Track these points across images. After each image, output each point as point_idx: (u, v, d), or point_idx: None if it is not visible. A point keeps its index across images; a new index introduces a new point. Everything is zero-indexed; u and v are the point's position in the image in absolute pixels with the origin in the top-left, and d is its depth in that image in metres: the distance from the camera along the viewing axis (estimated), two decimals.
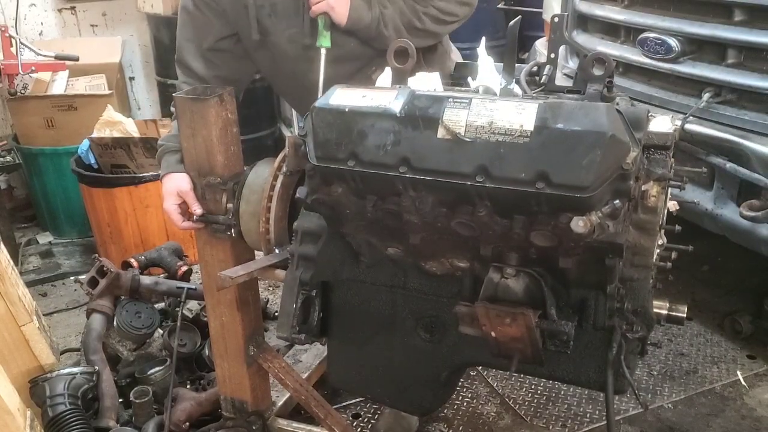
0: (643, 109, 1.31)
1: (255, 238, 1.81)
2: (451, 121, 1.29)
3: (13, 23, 4.23)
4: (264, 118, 4.76)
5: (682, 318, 1.48)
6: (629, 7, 2.83)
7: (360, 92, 1.39)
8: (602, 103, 1.26)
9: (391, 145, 1.33)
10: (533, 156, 1.24)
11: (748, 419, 2.48)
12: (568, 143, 1.21)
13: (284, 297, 1.65)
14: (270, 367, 2.06)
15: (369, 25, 1.91)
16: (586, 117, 1.22)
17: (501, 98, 1.30)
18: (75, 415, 2.12)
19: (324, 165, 1.39)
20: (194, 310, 2.80)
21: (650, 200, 1.36)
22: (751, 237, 2.42)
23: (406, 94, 1.34)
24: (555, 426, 2.47)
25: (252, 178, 1.82)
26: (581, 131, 1.20)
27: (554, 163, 1.22)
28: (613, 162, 1.20)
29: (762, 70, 2.35)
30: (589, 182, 1.20)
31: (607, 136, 1.19)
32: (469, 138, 1.28)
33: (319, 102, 1.40)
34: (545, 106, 1.24)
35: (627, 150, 1.21)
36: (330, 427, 2.08)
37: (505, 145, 1.25)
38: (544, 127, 1.23)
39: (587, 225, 1.21)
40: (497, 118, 1.26)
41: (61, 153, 3.77)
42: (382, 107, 1.34)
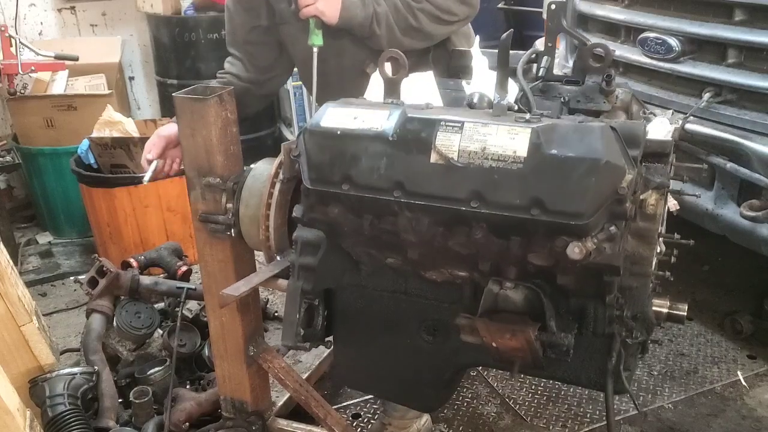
0: (640, 124, 1.30)
1: (255, 240, 1.81)
2: (443, 146, 1.28)
3: (13, 23, 4.22)
4: (264, 118, 4.76)
5: (682, 317, 1.48)
6: (629, 6, 2.83)
7: (351, 112, 1.38)
8: (597, 124, 1.24)
9: (385, 168, 1.33)
10: (527, 183, 1.23)
11: (749, 419, 2.48)
12: (562, 170, 1.20)
13: (287, 307, 1.66)
14: (270, 367, 2.05)
15: (362, 24, 1.90)
16: (581, 141, 1.20)
17: (494, 121, 1.27)
18: (75, 415, 2.12)
19: (318, 188, 1.40)
20: (194, 310, 2.79)
21: (649, 208, 1.35)
22: (752, 237, 2.42)
23: (398, 115, 1.33)
24: (555, 426, 2.47)
25: (250, 182, 1.80)
26: (575, 158, 1.19)
27: (549, 190, 1.22)
28: (609, 187, 1.19)
29: (762, 69, 2.35)
30: (584, 209, 1.20)
31: (602, 163, 1.18)
32: (462, 163, 1.27)
33: (311, 123, 1.40)
34: (538, 131, 1.22)
35: (622, 174, 1.20)
36: (330, 427, 2.08)
37: (499, 171, 1.24)
38: (538, 153, 1.21)
39: (582, 252, 1.22)
40: (490, 143, 1.25)
41: (61, 153, 3.77)
42: (374, 130, 1.33)
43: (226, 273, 1.94)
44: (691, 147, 2.50)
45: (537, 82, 1.67)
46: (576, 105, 1.62)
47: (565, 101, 1.63)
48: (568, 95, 1.64)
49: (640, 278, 1.38)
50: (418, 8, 1.93)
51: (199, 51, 4.29)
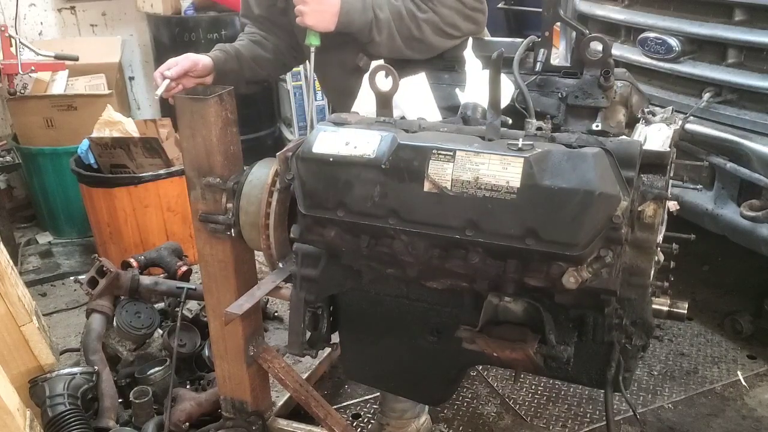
0: (636, 143, 1.28)
1: (256, 244, 1.82)
2: (436, 175, 1.28)
3: (13, 23, 4.21)
4: (264, 118, 4.76)
5: (683, 314, 1.48)
6: (629, 6, 2.83)
7: (343, 137, 1.38)
8: (590, 151, 1.23)
9: (379, 196, 1.34)
10: (521, 213, 1.23)
11: (749, 419, 2.48)
12: (555, 201, 1.20)
13: (291, 317, 1.67)
14: (270, 367, 2.06)
15: (360, 29, 1.83)
16: (574, 171, 1.20)
17: (486, 150, 1.27)
18: (75, 415, 2.12)
19: (313, 214, 1.41)
20: (194, 310, 2.79)
21: (647, 219, 1.35)
22: (752, 237, 2.42)
23: (389, 141, 1.33)
24: (555, 426, 2.47)
25: (247, 189, 1.79)
26: (569, 189, 1.19)
27: (543, 221, 1.22)
28: (603, 217, 1.20)
29: (762, 69, 2.35)
30: (578, 240, 1.20)
31: (596, 195, 1.18)
32: (455, 192, 1.27)
33: (303, 150, 1.40)
34: (530, 161, 1.22)
35: (617, 202, 1.20)
36: (330, 427, 2.08)
37: (493, 201, 1.24)
38: (531, 184, 1.21)
39: (578, 281, 1.23)
40: (483, 173, 1.25)
41: (61, 153, 3.77)
42: (367, 157, 1.33)
43: (226, 273, 1.94)
44: (691, 147, 2.50)
45: (534, 78, 1.67)
46: (574, 101, 1.61)
47: (563, 97, 1.63)
48: (565, 90, 1.63)
49: (638, 289, 1.38)
50: (423, 19, 1.86)
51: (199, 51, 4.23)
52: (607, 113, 1.59)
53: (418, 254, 1.37)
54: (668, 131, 1.45)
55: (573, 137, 1.29)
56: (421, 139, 1.34)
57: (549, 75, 1.68)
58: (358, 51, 1.96)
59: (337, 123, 1.46)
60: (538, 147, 1.24)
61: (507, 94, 1.60)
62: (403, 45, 1.85)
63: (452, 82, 1.76)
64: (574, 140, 1.28)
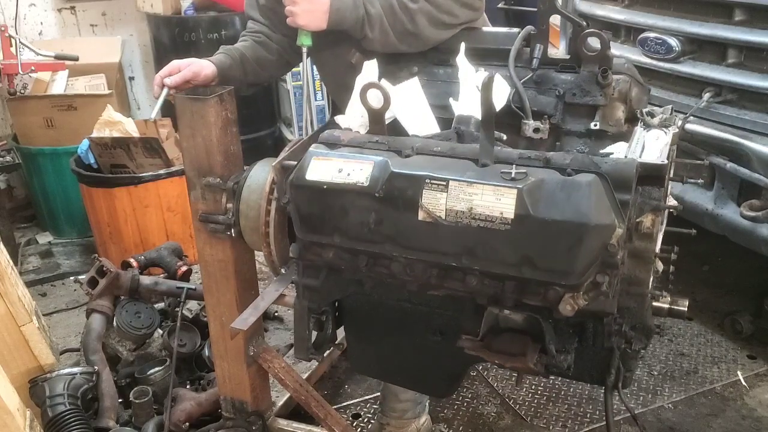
0: (631, 163, 1.26)
1: (257, 245, 1.83)
2: (430, 204, 1.28)
3: (13, 23, 4.21)
4: (264, 118, 4.76)
5: (683, 312, 1.47)
6: (629, 6, 2.83)
7: (335, 164, 1.38)
8: (584, 179, 1.22)
9: (374, 223, 1.34)
10: (516, 243, 1.24)
11: (749, 419, 2.48)
12: (550, 233, 1.20)
13: (296, 324, 1.68)
14: (270, 367, 2.06)
15: (353, 27, 1.79)
16: (568, 201, 1.20)
17: (478, 180, 1.26)
18: (75, 415, 2.12)
19: (310, 239, 1.43)
20: (194, 310, 2.79)
21: (645, 229, 1.34)
22: (752, 237, 2.42)
23: (382, 168, 1.33)
24: (555, 426, 2.47)
25: (246, 194, 1.79)
26: (563, 222, 1.19)
27: (537, 251, 1.23)
28: (598, 246, 1.20)
29: (762, 69, 2.35)
30: (573, 269, 1.21)
31: (590, 227, 1.18)
32: (449, 222, 1.27)
33: (296, 177, 1.41)
34: (523, 193, 1.21)
35: (612, 230, 1.20)
36: (330, 427, 2.08)
37: (487, 231, 1.24)
38: (525, 216, 1.21)
39: (574, 308, 1.24)
40: (476, 203, 1.25)
41: (61, 153, 3.76)
42: (360, 185, 1.34)
43: (226, 273, 1.94)
44: (691, 147, 2.50)
45: (530, 75, 1.64)
46: (572, 99, 1.60)
47: (560, 95, 1.61)
48: (563, 87, 1.62)
49: (637, 298, 1.38)
50: (417, 10, 1.79)
51: (199, 51, 4.25)
52: (605, 111, 1.58)
53: (416, 275, 1.39)
54: (666, 138, 1.43)
55: (568, 158, 1.27)
56: (414, 166, 1.33)
57: (546, 68, 1.66)
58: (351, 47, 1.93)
59: (330, 144, 1.45)
60: (531, 175, 1.23)
61: (503, 95, 1.58)
62: (397, 40, 1.81)
63: (447, 78, 1.74)
64: (569, 161, 1.26)
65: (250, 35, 2.06)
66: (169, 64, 1.88)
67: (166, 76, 1.85)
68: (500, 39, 1.75)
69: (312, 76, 4.54)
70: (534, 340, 1.41)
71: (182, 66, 1.86)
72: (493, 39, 1.78)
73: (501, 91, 1.56)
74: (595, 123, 1.57)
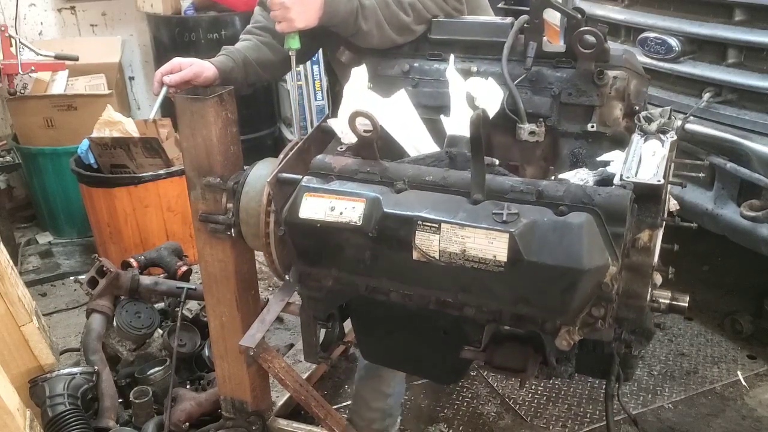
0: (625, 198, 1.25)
1: (257, 247, 1.83)
2: (423, 245, 1.29)
3: (13, 23, 4.21)
4: (264, 118, 4.75)
5: (684, 307, 1.47)
6: (629, 6, 2.83)
7: (328, 203, 1.38)
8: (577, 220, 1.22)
9: (369, 260, 1.36)
10: (510, 284, 1.25)
11: (749, 419, 2.48)
12: (543, 277, 1.21)
13: (304, 331, 1.69)
14: (270, 367, 2.05)
15: (345, 19, 1.71)
16: (561, 244, 1.20)
17: (470, 223, 1.26)
18: (75, 415, 2.12)
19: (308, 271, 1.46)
20: (194, 310, 2.79)
21: (642, 244, 1.34)
22: (752, 237, 2.42)
23: (374, 207, 1.34)
24: (555, 426, 2.47)
25: (245, 202, 1.78)
26: (556, 267, 1.19)
27: (532, 292, 1.24)
28: (592, 286, 1.21)
29: (762, 69, 2.35)
30: (567, 309, 1.23)
31: (583, 271, 1.18)
32: (444, 262, 1.28)
33: (290, 214, 1.42)
34: (516, 237, 1.22)
35: (606, 270, 1.20)
36: (330, 427, 2.08)
37: (481, 272, 1.25)
38: (518, 260, 1.22)
39: (570, 343, 1.27)
40: (469, 247, 1.25)
41: (61, 153, 3.77)
42: (353, 224, 1.35)
43: (226, 273, 1.94)
44: (691, 147, 2.50)
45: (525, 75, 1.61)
46: (567, 99, 1.58)
47: (556, 95, 1.59)
48: (558, 86, 1.59)
49: (636, 309, 1.38)
50: (409, 2, 1.74)
51: (199, 51, 4.24)
52: (602, 111, 1.56)
53: (414, 304, 1.42)
54: (663, 150, 1.38)
55: (561, 190, 1.27)
56: (406, 205, 1.33)
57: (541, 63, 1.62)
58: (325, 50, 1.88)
59: (321, 174, 1.45)
60: (523, 215, 1.23)
61: (496, 99, 1.54)
62: (393, 33, 1.75)
63: (441, 76, 1.69)
64: (561, 193, 1.26)
65: (256, 34, 1.98)
66: (170, 62, 1.85)
67: (166, 73, 1.82)
68: (493, 31, 1.71)
69: (312, 77, 4.55)
70: (535, 350, 1.41)
71: (183, 65, 1.83)
72: (486, 31, 1.73)
73: (494, 95, 1.54)
74: (592, 125, 1.55)
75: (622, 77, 1.56)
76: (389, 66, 1.79)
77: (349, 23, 1.72)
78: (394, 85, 1.74)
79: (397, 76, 1.77)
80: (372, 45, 1.78)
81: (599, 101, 1.55)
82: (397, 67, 1.78)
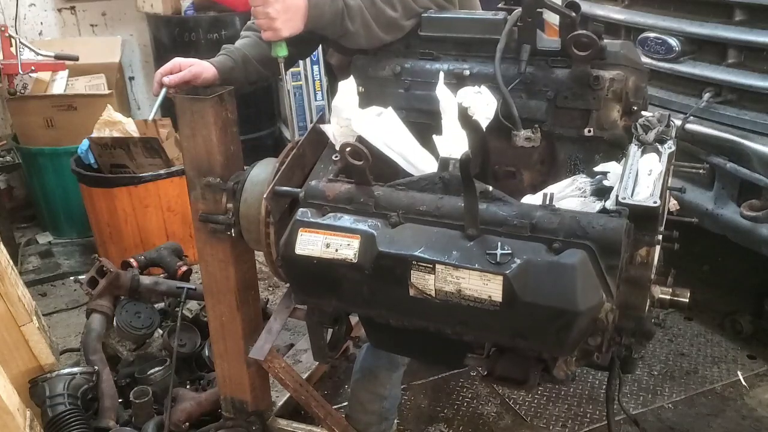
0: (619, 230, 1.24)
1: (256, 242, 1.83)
2: (419, 284, 1.31)
3: (13, 23, 4.22)
4: (264, 118, 4.75)
5: (685, 303, 1.47)
6: (629, 6, 2.83)
7: (323, 239, 1.39)
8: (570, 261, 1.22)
9: (368, 294, 1.38)
10: (507, 322, 1.27)
11: (749, 419, 2.48)
12: (539, 317, 1.23)
13: (311, 335, 1.70)
14: (270, 367, 2.05)
15: (332, 21, 1.66)
16: (555, 285, 1.21)
17: (465, 265, 1.27)
18: (75, 415, 2.12)
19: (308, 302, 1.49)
20: (194, 310, 2.79)
21: (640, 259, 1.34)
22: (752, 237, 2.42)
23: (369, 245, 1.35)
24: (555, 426, 2.47)
25: (244, 209, 1.77)
26: (551, 308, 1.21)
27: (528, 330, 1.26)
28: (587, 323, 1.22)
29: (762, 69, 2.35)
30: (563, 345, 1.25)
31: (579, 312, 1.19)
32: (440, 300, 1.30)
33: (286, 251, 1.43)
34: (510, 279, 1.22)
35: (600, 306, 1.21)
36: (330, 427, 2.08)
37: (478, 310, 1.27)
38: (513, 301, 1.23)
39: (567, 374, 1.31)
40: (464, 287, 1.27)
41: (61, 153, 3.76)
42: (349, 261, 1.36)
43: (226, 273, 1.94)
44: (691, 147, 2.50)
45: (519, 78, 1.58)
46: (563, 103, 1.55)
47: (552, 98, 1.56)
48: (554, 88, 1.55)
49: (635, 320, 1.39)
50: None
51: (199, 51, 4.24)
52: (599, 114, 1.52)
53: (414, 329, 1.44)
54: (660, 167, 1.35)
55: (555, 221, 1.26)
56: (400, 243, 1.33)
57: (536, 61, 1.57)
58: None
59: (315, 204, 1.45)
60: (516, 255, 1.24)
61: (490, 108, 1.50)
62: (381, 32, 1.70)
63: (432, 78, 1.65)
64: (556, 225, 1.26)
65: (255, 30, 1.93)
66: (170, 62, 1.84)
67: (166, 73, 1.81)
68: (487, 27, 1.64)
69: (312, 77, 4.56)
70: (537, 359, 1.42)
71: (184, 65, 1.82)
72: (479, 27, 1.67)
73: (488, 105, 1.50)
74: (589, 129, 1.53)
75: (619, 79, 1.51)
76: (380, 67, 1.74)
77: (336, 25, 1.68)
78: (386, 87, 1.72)
79: (388, 78, 1.73)
80: (360, 46, 1.74)
81: (596, 105, 1.52)
82: (388, 69, 1.73)
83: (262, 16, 1.64)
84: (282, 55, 1.72)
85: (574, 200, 1.42)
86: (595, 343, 1.26)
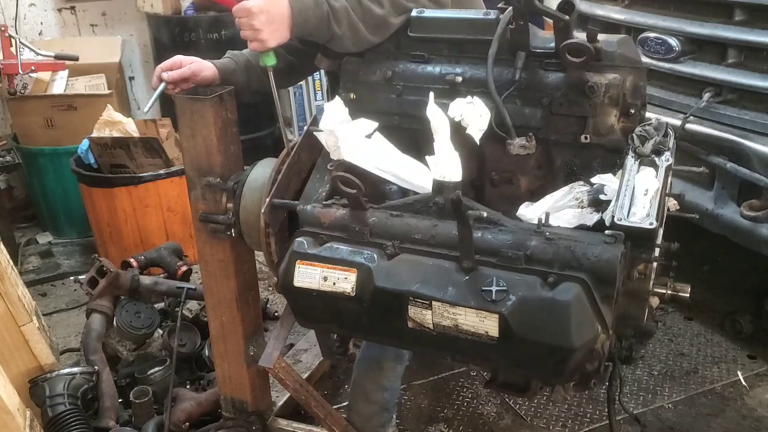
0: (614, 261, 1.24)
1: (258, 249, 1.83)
2: (417, 318, 1.32)
3: (13, 23, 4.22)
4: (264, 118, 4.75)
5: (686, 298, 1.46)
6: (629, 6, 2.83)
7: (320, 272, 1.41)
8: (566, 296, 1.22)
9: (368, 323, 1.40)
10: (504, 354, 1.29)
11: (749, 419, 2.48)
12: (535, 351, 1.25)
13: (318, 336, 1.72)
14: (270, 367, 2.05)
15: (318, 27, 1.63)
16: (550, 322, 1.22)
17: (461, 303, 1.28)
18: (75, 415, 2.12)
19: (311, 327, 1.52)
20: (194, 310, 2.79)
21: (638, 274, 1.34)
22: (752, 237, 2.42)
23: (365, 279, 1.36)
24: (555, 426, 2.46)
25: (244, 215, 1.77)
26: (547, 345, 1.22)
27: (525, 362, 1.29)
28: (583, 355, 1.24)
29: (762, 69, 2.35)
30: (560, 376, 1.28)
31: (574, 349, 1.21)
32: (438, 333, 1.31)
33: (284, 282, 1.45)
34: (506, 316, 1.23)
35: (596, 339, 1.23)
36: (330, 427, 2.08)
37: (475, 343, 1.29)
38: (510, 337, 1.25)
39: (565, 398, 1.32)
40: (461, 323, 1.28)
41: (61, 153, 3.76)
42: (347, 293, 1.37)
43: (226, 273, 1.94)
44: (691, 147, 2.50)
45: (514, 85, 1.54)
46: (559, 110, 1.52)
47: (547, 105, 1.52)
48: (549, 94, 1.52)
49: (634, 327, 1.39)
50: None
51: (199, 51, 4.21)
52: (596, 120, 1.49)
53: None
54: (657, 184, 1.33)
55: (549, 252, 1.27)
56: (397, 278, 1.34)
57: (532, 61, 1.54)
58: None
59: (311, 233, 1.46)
60: (511, 291, 1.24)
61: (484, 119, 1.47)
62: (368, 33, 1.67)
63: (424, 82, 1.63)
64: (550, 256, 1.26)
65: None
66: (171, 58, 1.85)
67: (167, 69, 1.83)
68: (479, 28, 1.59)
69: (312, 77, 4.56)
70: None
71: (184, 62, 1.83)
72: (471, 28, 1.62)
73: (482, 115, 1.47)
74: (586, 136, 1.50)
75: (615, 83, 1.47)
76: (370, 71, 1.70)
77: (323, 29, 1.65)
78: (377, 92, 1.69)
79: (379, 83, 1.69)
80: (347, 49, 1.71)
81: (591, 112, 1.48)
82: (379, 73, 1.69)
83: (247, 27, 1.63)
84: (270, 64, 1.72)
85: (571, 211, 1.41)
86: (592, 368, 1.29)
